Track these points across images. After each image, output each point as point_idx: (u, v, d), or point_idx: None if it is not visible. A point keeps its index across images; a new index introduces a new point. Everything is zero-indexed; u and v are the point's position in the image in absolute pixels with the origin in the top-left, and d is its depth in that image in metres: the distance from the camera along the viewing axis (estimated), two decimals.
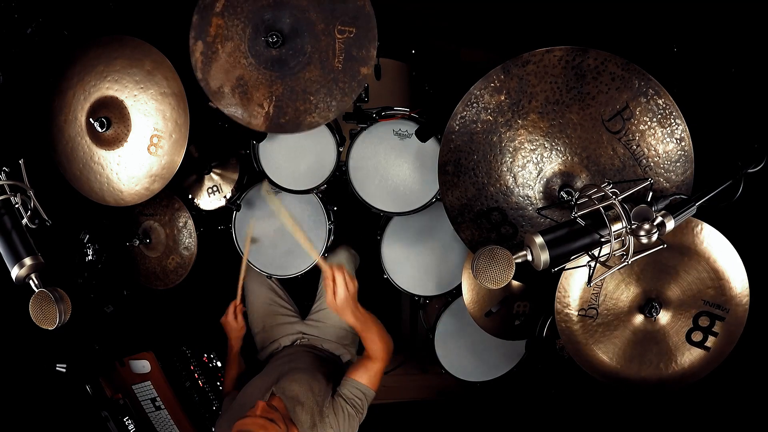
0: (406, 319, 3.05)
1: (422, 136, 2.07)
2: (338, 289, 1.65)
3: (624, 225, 1.23)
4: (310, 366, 2.06)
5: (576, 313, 1.65)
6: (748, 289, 1.58)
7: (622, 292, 1.64)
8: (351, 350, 2.41)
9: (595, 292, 1.64)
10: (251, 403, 1.72)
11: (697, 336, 1.62)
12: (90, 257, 2.10)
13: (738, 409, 1.98)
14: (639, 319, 1.65)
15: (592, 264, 1.31)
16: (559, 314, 1.66)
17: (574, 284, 1.65)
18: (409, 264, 2.43)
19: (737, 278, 1.57)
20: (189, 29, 1.76)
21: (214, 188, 2.45)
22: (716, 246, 1.56)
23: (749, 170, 1.37)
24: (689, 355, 1.63)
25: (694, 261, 1.58)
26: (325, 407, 1.78)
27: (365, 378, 1.84)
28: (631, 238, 1.25)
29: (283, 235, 2.40)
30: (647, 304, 1.61)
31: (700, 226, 1.56)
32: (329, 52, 1.72)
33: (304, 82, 1.75)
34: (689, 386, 1.65)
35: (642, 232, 1.23)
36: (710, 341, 1.61)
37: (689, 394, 1.78)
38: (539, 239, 1.23)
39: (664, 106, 1.44)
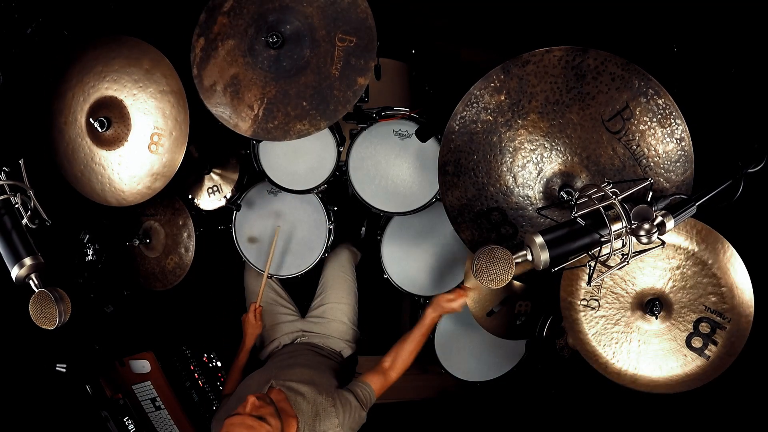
0: (406, 319, 3.05)
1: (422, 136, 2.07)
2: (459, 301, 2.07)
3: (624, 225, 1.23)
4: (311, 360, 2.07)
5: (578, 303, 1.65)
6: (752, 301, 1.55)
7: (625, 287, 1.63)
8: (352, 345, 2.41)
9: (597, 284, 1.64)
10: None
11: (696, 342, 1.61)
12: (90, 257, 2.10)
13: (737, 415, 1.97)
14: (640, 316, 1.65)
15: (592, 264, 1.31)
16: (563, 302, 1.65)
17: (579, 274, 1.64)
18: (409, 264, 2.43)
19: (743, 290, 1.55)
20: (192, 27, 1.77)
21: (214, 188, 2.45)
22: (728, 260, 1.55)
23: (749, 170, 1.36)
24: (688, 361, 1.63)
25: (699, 266, 1.57)
26: (331, 398, 1.78)
27: (377, 384, 1.94)
28: (631, 238, 1.25)
29: (283, 235, 2.40)
30: (649, 302, 1.61)
31: (723, 245, 1.55)
32: (327, 58, 1.72)
33: (298, 87, 1.74)
34: (688, 392, 1.64)
35: (642, 232, 1.23)
36: (710, 349, 1.60)
37: (688, 399, 1.78)
38: (539, 239, 1.23)
39: (664, 106, 1.44)
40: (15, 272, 1.34)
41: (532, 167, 1.56)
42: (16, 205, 1.44)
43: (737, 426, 1.97)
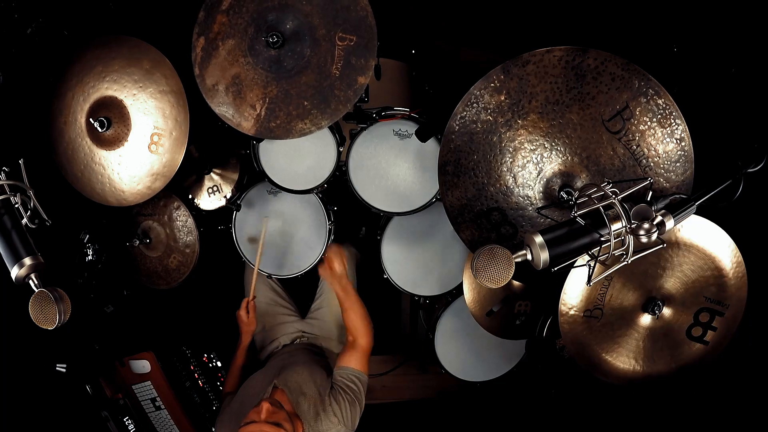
0: (406, 319, 3.05)
1: (422, 136, 2.07)
2: (334, 266, 2.11)
3: (624, 224, 1.23)
4: (309, 360, 2.07)
5: (581, 315, 1.64)
6: (746, 284, 1.57)
7: (628, 291, 1.63)
8: None
9: (601, 292, 1.63)
10: (253, 400, 1.71)
11: (696, 331, 1.62)
12: (90, 257, 2.09)
13: (735, 406, 1.97)
14: (641, 317, 1.64)
15: (592, 263, 1.31)
16: (564, 316, 1.65)
17: (578, 286, 1.64)
18: (409, 264, 2.42)
19: (739, 273, 1.56)
20: (192, 26, 1.77)
21: (214, 188, 2.45)
22: (713, 239, 1.55)
23: (749, 170, 1.37)
24: (688, 350, 1.63)
25: (698, 258, 1.57)
26: (326, 397, 1.80)
27: (354, 362, 1.92)
28: (631, 238, 1.25)
29: (283, 235, 2.40)
30: (650, 302, 1.61)
31: (694, 222, 1.55)
32: (328, 58, 1.72)
33: (299, 86, 1.75)
34: (687, 382, 1.66)
35: (641, 232, 1.23)
36: (709, 335, 1.61)
37: (688, 390, 1.78)
38: (539, 239, 1.23)
39: (664, 106, 1.44)
40: (15, 272, 1.34)
41: (532, 167, 1.56)
42: (16, 205, 1.44)
43: (735, 424, 1.97)
